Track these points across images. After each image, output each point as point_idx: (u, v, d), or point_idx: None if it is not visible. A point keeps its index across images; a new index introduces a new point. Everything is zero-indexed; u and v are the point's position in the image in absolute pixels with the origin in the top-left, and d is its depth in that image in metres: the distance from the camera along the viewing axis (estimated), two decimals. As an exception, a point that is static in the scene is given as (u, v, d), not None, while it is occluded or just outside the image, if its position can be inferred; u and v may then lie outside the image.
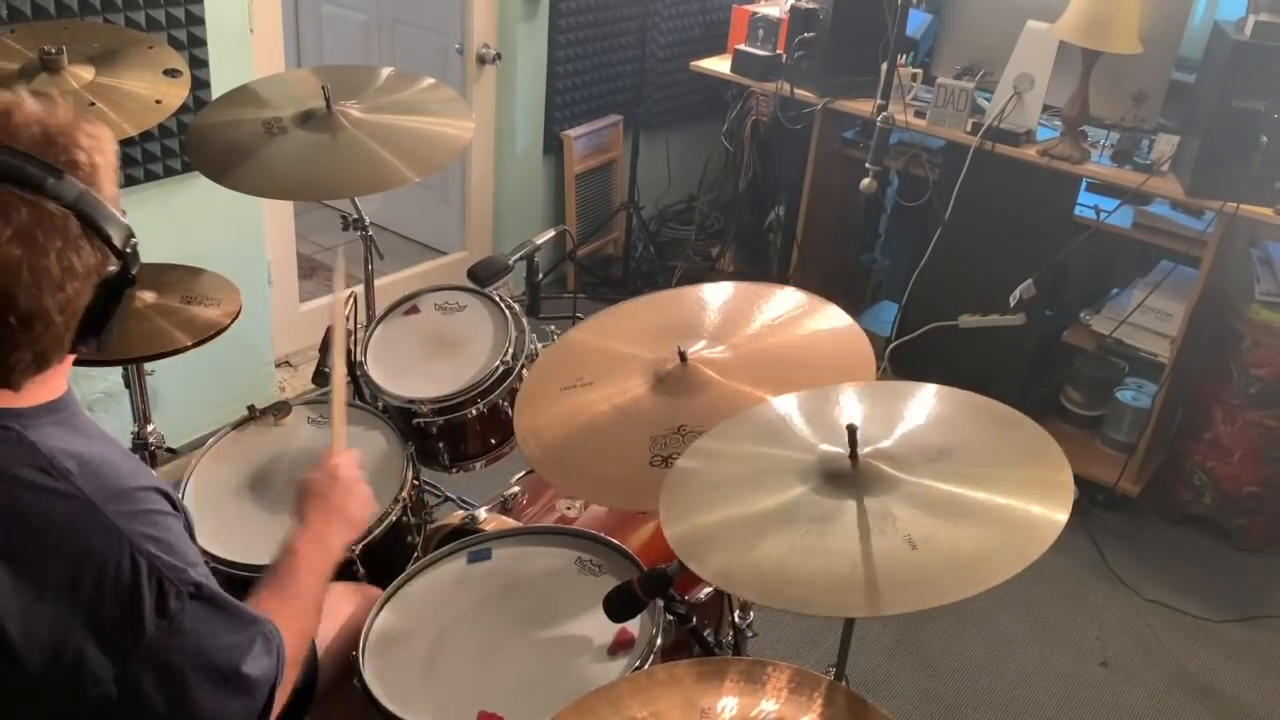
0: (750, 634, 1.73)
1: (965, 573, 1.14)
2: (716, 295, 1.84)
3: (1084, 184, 3.08)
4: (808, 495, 1.27)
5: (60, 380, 1.13)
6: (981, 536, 1.19)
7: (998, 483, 1.26)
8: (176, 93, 2.07)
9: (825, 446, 1.34)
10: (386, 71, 2.34)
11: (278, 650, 1.16)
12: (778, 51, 3.52)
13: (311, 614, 1.30)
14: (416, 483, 1.99)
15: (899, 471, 1.27)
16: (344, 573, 1.76)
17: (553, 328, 2.27)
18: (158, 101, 2.04)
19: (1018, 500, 1.22)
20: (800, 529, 1.23)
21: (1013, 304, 3.13)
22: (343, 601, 1.62)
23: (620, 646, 1.44)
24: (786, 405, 1.46)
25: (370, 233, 2.36)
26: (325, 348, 2.01)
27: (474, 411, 2.08)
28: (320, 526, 1.38)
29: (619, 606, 1.39)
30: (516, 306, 2.22)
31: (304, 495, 1.43)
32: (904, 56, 3.26)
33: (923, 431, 1.36)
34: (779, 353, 1.67)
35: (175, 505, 1.14)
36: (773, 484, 1.31)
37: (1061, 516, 1.18)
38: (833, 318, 1.73)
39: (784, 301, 1.79)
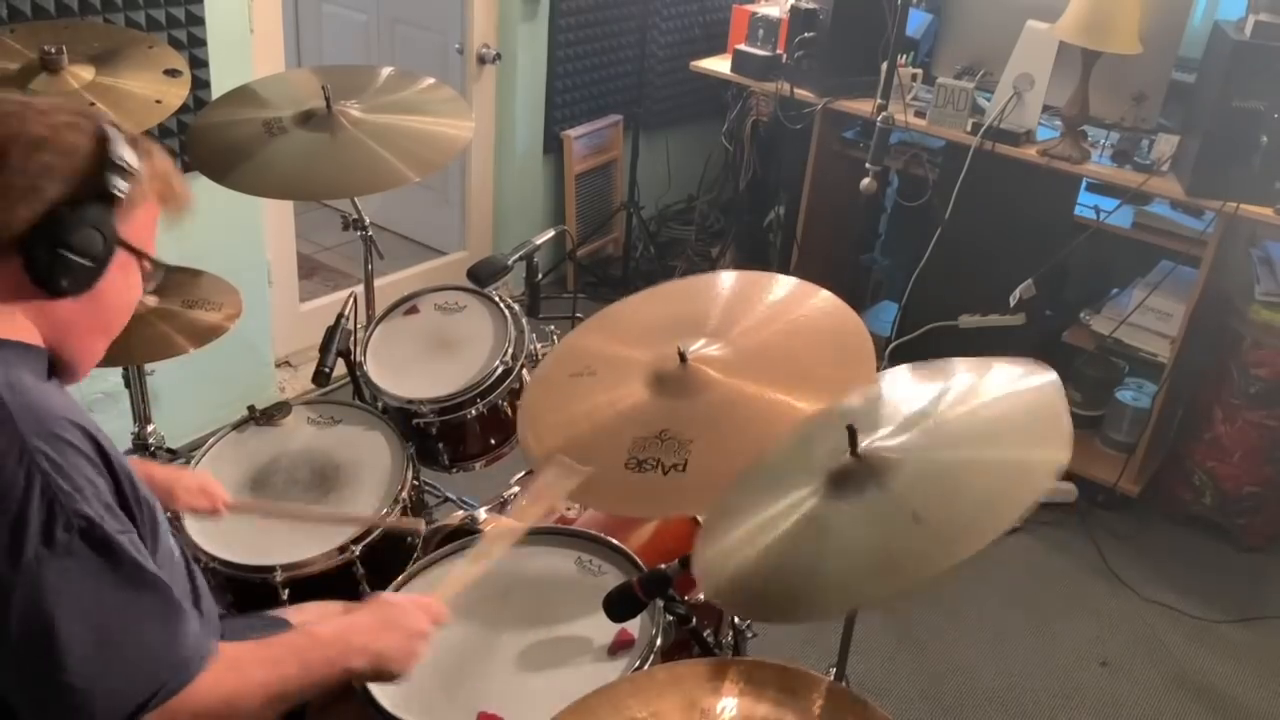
0: (750, 634, 1.73)
1: (973, 526, 1.13)
2: (717, 286, 1.84)
3: (1084, 184, 3.08)
4: (819, 504, 1.27)
5: (22, 325, 1.15)
6: (985, 489, 1.19)
7: (997, 432, 1.26)
8: (176, 93, 2.08)
9: (828, 453, 1.33)
10: (386, 71, 2.34)
11: (188, 659, 1.08)
12: (778, 51, 3.52)
13: (255, 680, 1.15)
14: (416, 483, 1.99)
15: (901, 455, 1.27)
16: (343, 573, 1.77)
17: (552, 328, 2.27)
18: (158, 101, 2.04)
19: (1018, 446, 1.22)
20: (813, 537, 1.23)
21: (1013, 304, 3.13)
22: (324, 615, 1.60)
23: (620, 646, 1.44)
24: (790, 442, 1.46)
25: (370, 233, 2.37)
26: (325, 347, 2.01)
27: (474, 412, 2.08)
28: (357, 638, 1.25)
29: (619, 606, 1.39)
30: (516, 306, 2.22)
31: (376, 605, 1.32)
32: (904, 56, 3.26)
33: (917, 405, 1.36)
34: (779, 346, 1.66)
35: (106, 459, 1.11)
36: (786, 505, 1.31)
37: (1063, 454, 1.18)
38: (832, 307, 1.72)
39: (783, 290, 1.79)
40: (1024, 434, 1.26)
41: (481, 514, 1.84)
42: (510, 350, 2.11)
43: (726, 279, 1.86)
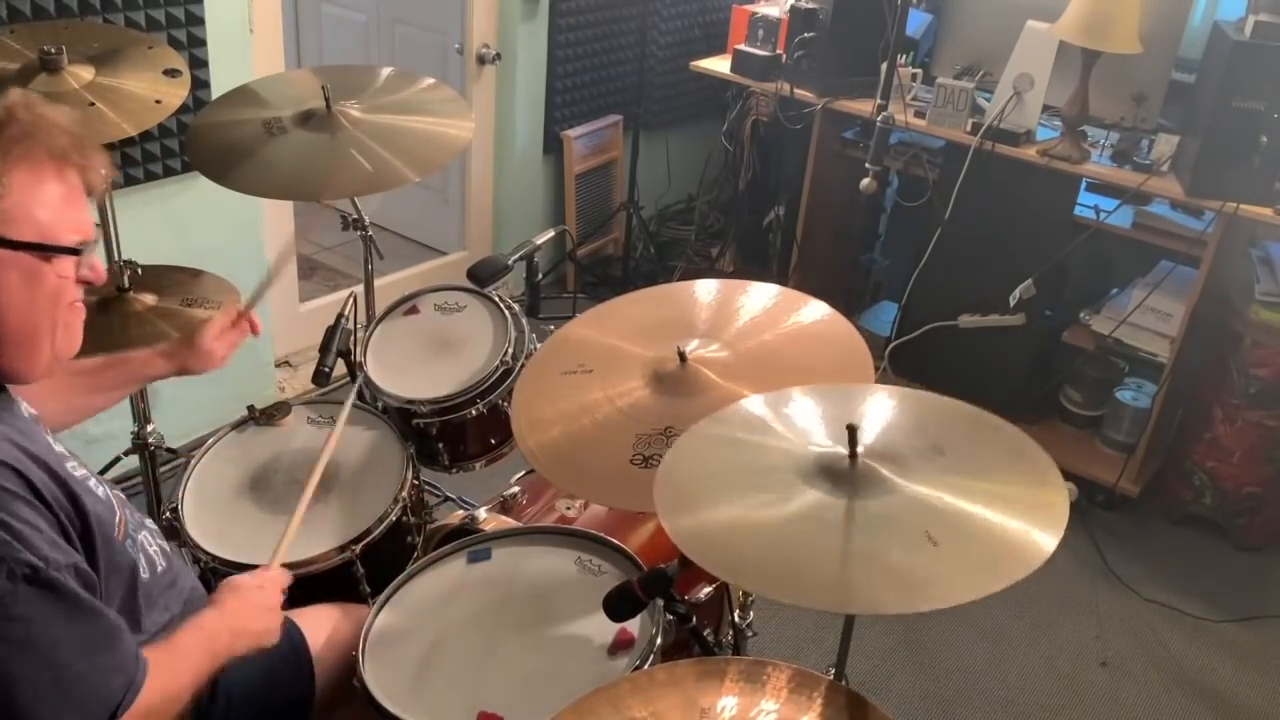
0: (750, 634, 1.73)
1: (986, 570, 1.13)
2: (712, 292, 1.84)
3: (1084, 184, 3.08)
4: (809, 492, 1.27)
5: None
6: (985, 545, 1.19)
7: (990, 496, 1.25)
8: (176, 93, 2.07)
9: (819, 444, 1.33)
10: (386, 71, 2.34)
11: (133, 675, 1.13)
12: (778, 51, 3.52)
13: (183, 675, 1.24)
14: (416, 483, 1.99)
15: (897, 475, 1.27)
16: (343, 573, 1.77)
17: (552, 328, 2.26)
18: (158, 101, 2.03)
19: (1011, 516, 1.21)
20: (805, 526, 1.23)
21: (1013, 304, 3.13)
22: (329, 619, 1.61)
23: (620, 646, 1.44)
24: (770, 402, 1.46)
25: (370, 233, 2.36)
26: (325, 347, 2.01)
27: (474, 412, 2.08)
28: (236, 622, 1.35)
29: (619, 606, 1.39)
30: (516, 307, 2.22)
31: (232, 592, 1.40)
32: (904, 56, 3.26)
33: (912, 433, 1.36)
34: (776, 353, 1.67)
35: (40, 496, 1.09)
36: (771, 479, 1.30)
37: (1055, 535, 1.17)
38: (828, 317, 1.73)
39: (778, 300, 1.79)
40: (1017, 497, 1.25)
41: (481, 514, 1.84)
42: (510, 350, 2.11)
43: (719, 285, 1.86)
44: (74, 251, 1.14)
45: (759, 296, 1.81)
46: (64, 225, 1.12)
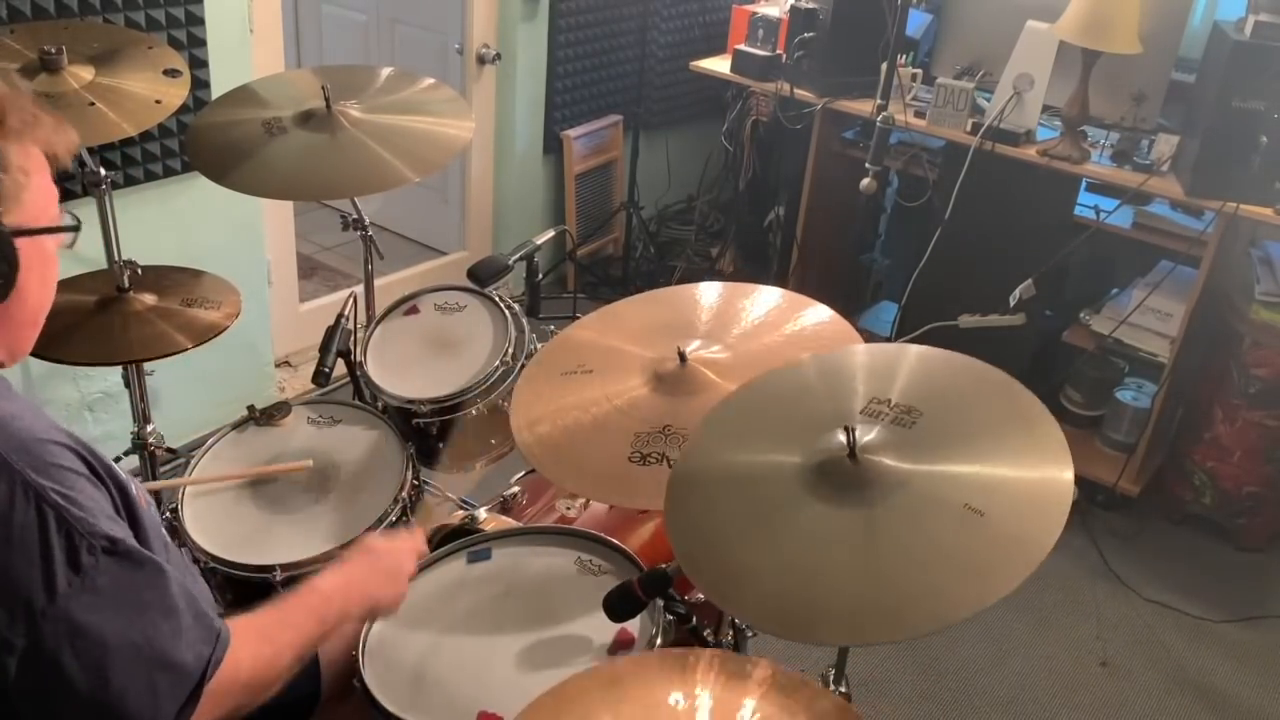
0: (750, 634, 1.73)
1: (1026, 543, 1.12)
2: (715, 295, 1.84)
3: (1084, 184, 3.08)
4: (820, 509, 1.24)
5: None
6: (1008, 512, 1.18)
7: (991, 448, 1.25)
8: (176, 93, 2.08)
9: (815, 447, 1.32)
10: (386, 71, 2.34)
11: (217, 639, 1.12)
12: (778, 51, 3.52)
13: (284, 643, 1.23)
14: (416, 483, 1.98)
15: (898, 461, 1.26)
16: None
17: (552, 328, 2.26)
18: (158, 101, 2.04)
19: (1020, 467, 1.21)
20: (832, 552, 1.21)
21: (1013, 304, 3.13)
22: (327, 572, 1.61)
23: (620, 646, 1.44)
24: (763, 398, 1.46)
25: (370, 233, 2.36)
26: (325, 347, 2.01)
27: (474, 412, 2.08)
28: (357, 588, 1.36)
29: (619, 606, 1.39)
30: (516, 306, 2.22)
31: (366, 553, 1.42)
32: (904, 56, 3.26)
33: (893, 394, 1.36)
34: (776, 355, 1.67)
35: (95, 471, 1.11)
36: (784, 503, 1.27)
37: (1068, 473, 1.18)
38: (830, 321, 1.74)
39: (780, 303, 1.79)
40: (1018, 447, 1.25)
41: (481, 514, 1.84)
42: (510, 350, 2.11)
43: (720, 288, 1.86)
44: (74, 228, 1.17)
45: (761, 299, 1.81)
46: (54, 203, 1.16)
